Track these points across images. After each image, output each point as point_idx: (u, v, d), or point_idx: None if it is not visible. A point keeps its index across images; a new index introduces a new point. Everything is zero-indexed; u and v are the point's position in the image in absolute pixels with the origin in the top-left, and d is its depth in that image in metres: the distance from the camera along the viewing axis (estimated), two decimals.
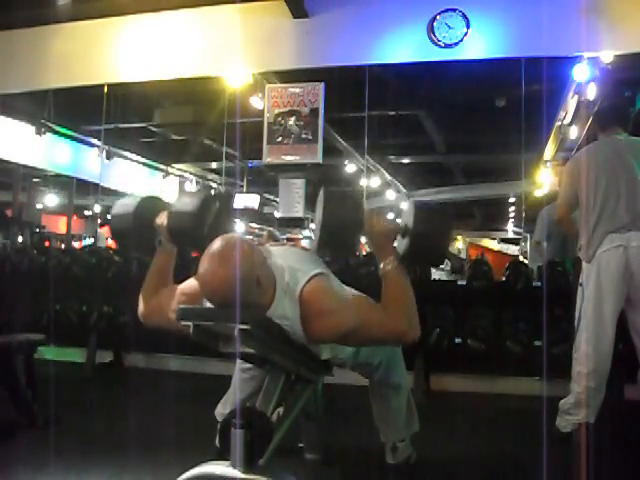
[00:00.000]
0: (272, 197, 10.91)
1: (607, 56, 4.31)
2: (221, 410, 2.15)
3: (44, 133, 6.75)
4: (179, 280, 1.84)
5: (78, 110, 6.75)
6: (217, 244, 1.52)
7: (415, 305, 1.72)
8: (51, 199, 12.05)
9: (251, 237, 15.48)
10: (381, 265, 1.75)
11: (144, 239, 1.95)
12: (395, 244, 1.81)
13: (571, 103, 5.94)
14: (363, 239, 1.92)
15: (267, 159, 4.85)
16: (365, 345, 1.87)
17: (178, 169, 10.09)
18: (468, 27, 4.15)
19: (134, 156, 8.67)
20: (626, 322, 2.60)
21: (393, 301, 1.69)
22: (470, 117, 7.26)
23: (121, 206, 1.99)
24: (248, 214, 11.17)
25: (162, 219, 1.88)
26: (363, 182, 9.30)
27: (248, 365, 1.98)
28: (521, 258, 8.91)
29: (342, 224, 1.74)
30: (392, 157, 9.89)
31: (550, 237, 4.42)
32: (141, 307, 1.89)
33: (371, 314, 1.66)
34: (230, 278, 1.45)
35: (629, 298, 2.55)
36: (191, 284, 1.70)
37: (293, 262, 1.67)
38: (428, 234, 1.73)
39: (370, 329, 1.65)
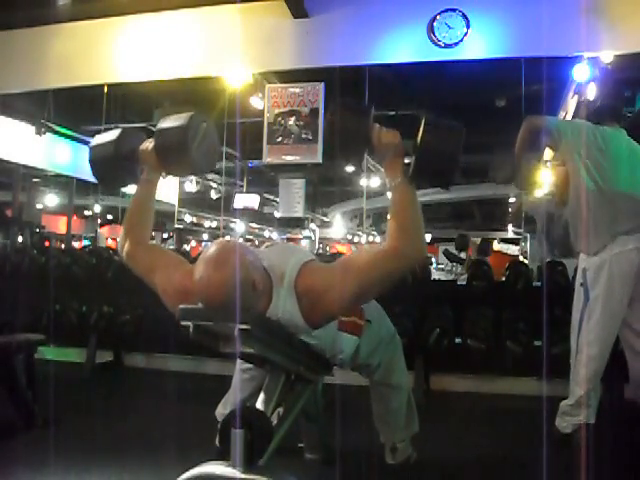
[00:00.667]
0: (272, 197, 10.91)
1: (607, 56, 4.31)
2: (222, 410, 2.15)
3: (44, 133, 6.74)
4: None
5: (78, 110, 6.76)
6: (212, 249, 1.52)
7: (422, 225, 1.64)
8: (51, 199, 12.06)
9: (251, 237, 15.49)
10: (388, 180, 1.69)
11: (126, 168, 1.91)
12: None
13: (571, 103, 5.94)
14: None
15: (267, 159, 4.85)
16: (382, 290, 1.68)
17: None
18: (468, 27, 4.15)
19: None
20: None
21: (397, 218, 1.62)
22: (470, 117, 7.25)
23: (103, 136, 1.96)
24: (248, 214, 11.18)
25: (147, 144, 1.86)
26: (363, 182, 9.31)
27: (248, 365, 1.98)
28: (521, 258, 8.91)
29: (348, 133, 1.68)
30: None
31: (548, 233, 4.41)
32: (126, 246, 1.87)
33: (368, 264, 1.58)
34: (226, 283, 1.45)
35: (631, 297, 2.53)
36: (188, 271, 1.67)
37: (284, 258, 1.66)
38: (436, 152, 1.65)
39: (374, 276, 1.57)
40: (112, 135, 1.92)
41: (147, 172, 1.88)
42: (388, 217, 1.65)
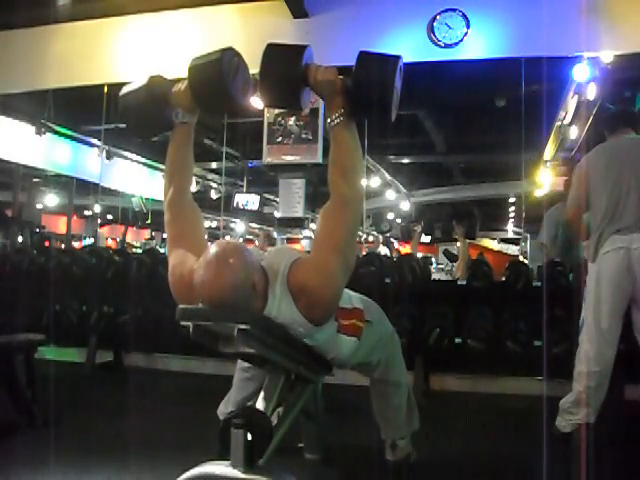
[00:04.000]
0: (272, 197, 10.91)
1: (607, 56, 4.32)
2: (223, 410, 2.15)
3: (44, 133, 6.74)
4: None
5: (78, 110, 6.75)
6: (213, 251, 1.52)
7: (359, 164, 1.69)
8: (51, 199, 12.06)
9: (251, 237, 15.49)
10: (328, 119, 1.68)
11: (159, 114, 1.85)
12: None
13: (571, 103, 5.94)
14: None
15: (267, 159, 4.85)
16: (353, 239, 1.70)
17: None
18: (468, 27, 4.15)
19: (134, 156, 8.66)
20: (630, 323, 2.59)
21: (338, 158, 1.65)
22: (470, 117, 7.26)
23: (132, 84, 1.88)
24: (248, 214, 11.18)
25: (179, 86, 1.82)
26: (363, 182, 9.30)
27: (249, 365, 1.98)
28: (521, 258, 8.91)
29: (283, 76, 1.67)
30: (392, 157, 9.88)
31: (556, 238, 4.40)
32: (169, 194, 1.85)
33: (336, 233, 1.60)
34: (227, 286, 1.45)
35: (634, 299, 2.54)
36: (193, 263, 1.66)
37: (278, 259, 1.66)
38: (369, 82, 1.64)
39: (345, 238, 1.60)
40: (142, 81, 1.86)
41: (182, 115, 1.85)
42: (330, 156, 1.66)
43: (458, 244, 5.74)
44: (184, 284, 1.63)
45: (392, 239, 12.16)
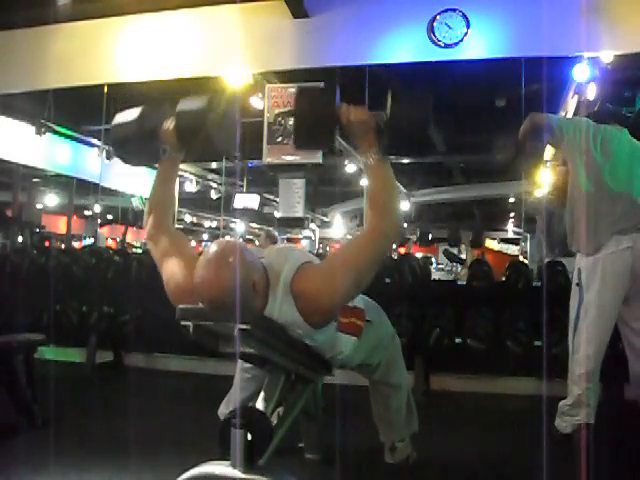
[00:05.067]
0: (272, 197, 10.91)
1: (607, 56, 4.32)
2: (224, 410, 2.16)
3: (44, 133, 6.74)
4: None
5: (78, 110, 6.75)
6: (212, 250, 1.52)
7: (398, 201, 1.70)
8: (51, 199, 12.06)
9: (251, 237, 15.49)
10: (363, 159, 1.69)
11: (148, 148, 1.90)
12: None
13: (571, 103, 5.94)
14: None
15: (267, 159, 4.84)
16: (372, 271, 1.68)
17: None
18: (468, 27, 4.15)
19: None
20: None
21: (376, 196, 1.65)
22: (470, 117, 7.26)
23: (124, 115, 1.93)
24: (248, 214, 11.17)
25: (169, 124, 1.85)
26: (363, 182, 9.30)
27: (249, 365, 1.98)
28: (521, 258, 8.92)
29: (315, 117, 1.68)
30: (392, 157, 9.87)
31: (549, 233, 4.41)
32: (148, 224, 1.87)
33: (354, 255, 1.61)
34: (227, 285, 1.45)
35: (626, 296, 2.53)
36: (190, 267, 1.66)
37: (282, 259, 1.66)
38: (405, 121, 1.65)
39: (365, 264, 1.60)
40: (134, 113, 1.89)
41: (169, 152, 1.89)
42: (366, 194, 1.67)
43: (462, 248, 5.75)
44: (182, 292, 1.64)
45: None
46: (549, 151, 8.04)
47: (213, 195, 11.25)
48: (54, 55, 4.94)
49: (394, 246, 12.49)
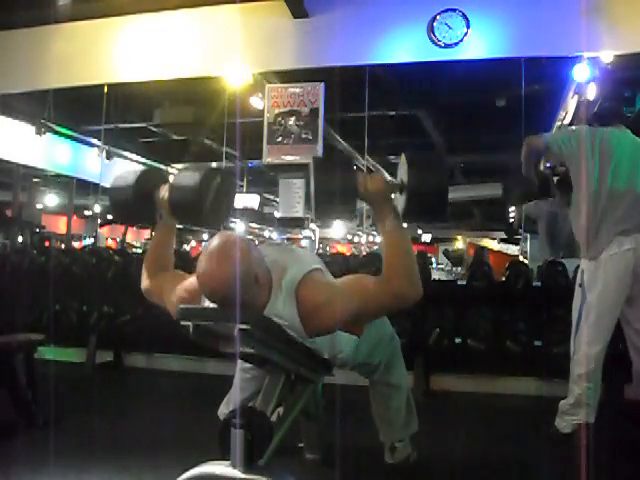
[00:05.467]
0: (272, 197, 10.91)
1: (607, 56, 4.31)
2: (224, 410, 2.15)
3: (44, 133, 6.75)
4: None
5: (78, 110, 6.75)
6: (215, 243, 1.53)
7: (416, 265, 1.68)
8: (51, 199, 12.06)
9: (251, 237, 15.50)
10: (380, 225, 1.71)
11: (144, 212, 1.94)
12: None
13: (571, 103, 5.93)
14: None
15: (267, 159, 4.84)
16: (374, 319, 1.84)
17: (178, 169, 10.09)
18: (468, 27, 4.15)
19: (134, 156, 8.66)
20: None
21: (394, 261, 1.65)
22: (470, 117, 7.26)
23: (121, 178, 1.96)
24: (248, 214, 11.17)
25: (163, 193, 1.87)
26: None
27: (249, 365, 1.98)
28: (521, 258, 8.90)
29: (334, 189, 1.70)
30: (392, 157, 9.89)
31: (552, 234, 4.41)
32: (143, 282, 1.91)
33: (368, 291, 1.63)
34: (229, 276, 1.46)
35: (630, 296, 2.53)
36: (192, 282, 1.70)
37: (289, 260, 1.67)
38: (425, 189, 1.66)
39: (372, 305, 1.63)
40: (130, 178, 1.93)
41: (164, 217, 1.91)
42: (384, 258, 1.68)
43: (460, 245, 5.76)
44: (185, 299, 1.67)
45: None
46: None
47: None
48: (54, 55, 4.94)
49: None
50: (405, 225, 1.76)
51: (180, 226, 2.00)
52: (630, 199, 2.52)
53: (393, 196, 1.74)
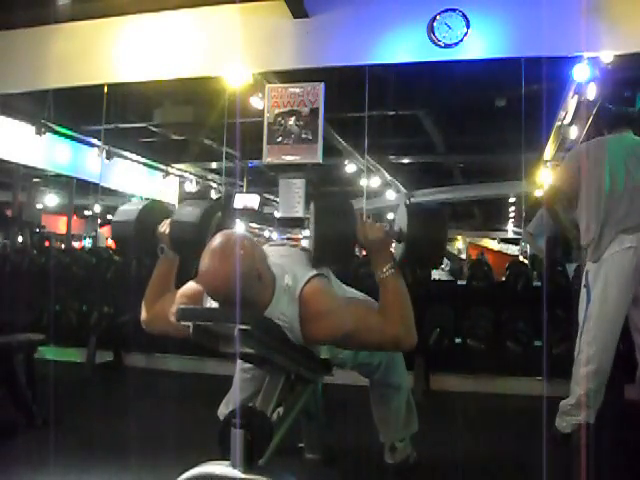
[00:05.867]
0: (272, 197, 10.91)
1: (607, 56, 4.31)
2: (224, 410, 2.15)
3: (44, 133, 6.74)
4: (180, 285, 1.84)
5: (78, 110, 6.75)
6: (218, 240, 1.53)
7: (412, 312, 1.72)
8: (51, 199, 12.05)
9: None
10: (378, 272, 1.74)
11: (146, 246, 1.96)
12: (392, 250, 1.79)
13: (571, 103, 5.94)
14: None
15: (267, 159, 4.83)
16: (361, 349, 1.89)
17: (178, 169, 10.09)
18: (468, 27, 4.14)
19: (134, 156, 8.67)
20: (627, 321, 2.58)
21: (391, 307, 1.69)
22: (470, 117, 7.26)
23: (123, 213, 1.98)
24: (248, 214, 11.16)
25: (164, 227, 1.89)
26: (363, 182, 9.31)
27: (249, 365, 1.98)
28: (521, 258, 8.91)
29: (335, 237, 1.72)
30: (392, 157, 9.89)
31: (546, 235, 4.40)
32: (144, 315, 1.91)
33: (369, 319, 1.66)
34: (232, 274, 1.46)
35: (636, 299, 2.53)
36: (191, 286, 1.70)
37: (293, 262, 1.68)
38: (424, 237, 1.71)
39: (367, 334, 1.66)
40: (132, 213, 1.94)
41: (166, 252, 1.91)
42: (380, 300, 1.71)
43: (460, 244, 5.76)
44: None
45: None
46: (549, 151, 8.06)
47: (213, 195, 11.24)
48: (54, 55, 4.93)
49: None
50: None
51: None
52: (630, 198, 2.53)
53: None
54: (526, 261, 6.91)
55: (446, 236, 1.76)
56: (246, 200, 8.59)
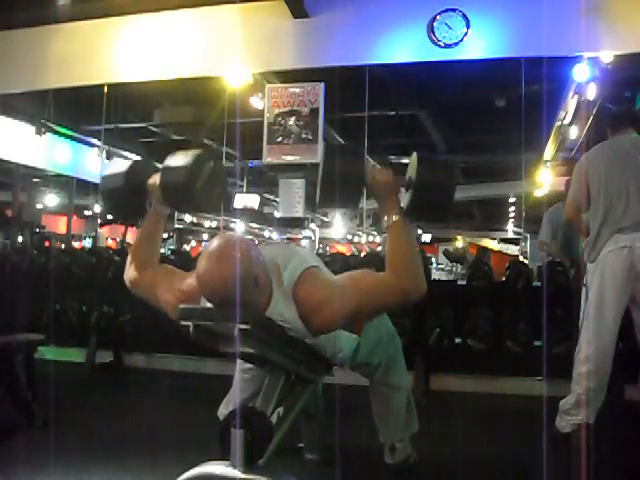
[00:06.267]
0: (272, 197, 10.92)
1: (607, 56, 4.31)
2: (224, 410, 2.15)
3: (44, 133, 6.74)
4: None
5: (78, 110, 6.76)
6: (215, 244, 1.52)
7: (420, 261, 1.67)
8: (51, 199, 12.05)
9: (251, 237, 15.50)
10: (384, 219, 1.70)
11: (135, 201, 1.92)
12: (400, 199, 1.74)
13: (571, 103, 5.94)
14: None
15: (267, 159, 4.84)
16: (376, 315, 1.83)
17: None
18: (468, 27, 4.15)
19: (134, 156, 8.66)
20: (630, 322, 2.59)
21: (396, 256, 1.65)
22: (470, 117, 7.26)
23: (113, 167, 1.96)
24: (248, 214, 11.17)
25: (155, 179, 1.86)
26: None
27: (249, 365, 1.98)
28: (521, 258, 8.92)
29: (342, 177, 1.68)
30: (392, 157, 9.89)
31: (555, 237, 4.40)
32: (131, 274, 1.90)
33: (370, 288, 1.63)
34: (229, 278, 1.45)
35: (634, 299, 2.54)
36: (190, 283, 1.69)
37: (286, 259, 1.67)
38: (432, 186, 1.67)
39: (374, 302, 1.63)
40: (122, 167, 1.93)
41: (155, 206, 1.90)
42: (387, 253, 1.68)
43: (459, 244, 5.76)
44: (183, 298, 1.66)
45: None
46: (549, 151, 8.06)
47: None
48: (54, 55, 4.94)
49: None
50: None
51: (180, 226, 1.98)
52: (627, 199, 2.55)
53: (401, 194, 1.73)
54: (526, 261, 6.91)
55: (454, 186, 1.71)
56: (246, 200, 8.59)
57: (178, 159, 1.84)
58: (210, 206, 1.96)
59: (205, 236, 17.99)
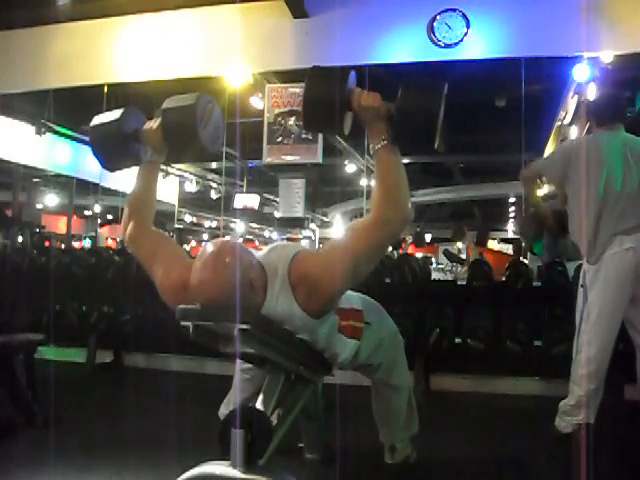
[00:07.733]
0: (272, 197, 10.92)
1: (607, 56, 4.32)
2: (224, 411, 2.15)
3: (44, 133, 6.75)
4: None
5: (78, 110, 6.75)
6: (209, 250, 1.51)
7: (405, 189, 1.65)
8: (51, 199, 12.05)
9: (251, 237, 15.46)
10: (371, 144, 1.68)
11: (128, 150, 1.87)
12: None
13: (571, 103, 5.94)
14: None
15: (267, 159, 4.85)
16: (376, 258, 1.72)
17: (178, 169, 10.09)
18: (468, 27, 4.15)
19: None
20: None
21: (382, 183, 1.64)
22: (470, 117, 7.26)
23: (104, 116, 1.91)
24: (248, 214, 11.17)
25: (152, 123, 1.83)
26: (363, 182, 9.32)
27: (248, 365, 1.98)
28: (521, 258, 8.90)
29: (326, 100, 1.64)
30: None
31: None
32: (128, 229, 1.85)
33: (356, 236, 1.60)
34: (225, 287, 1.45)
35: (634, 297, 2.53)
36: (180, 273, 1.64)
37: (278, 254, 1.65)
38: (415, 110, 1.63)
39: (365, 246, 1.57)
40: (115, 114, 1.87)
41: (150, 153, 1.86)
42: (375, 176, 1.66)
43: (460, 245, 5.75)
44: (176, 289, 1.63)
45: None
46: (549, 151, 8.05)
47: (213, 195, 11.25)
48: (54, 55, 4.94)
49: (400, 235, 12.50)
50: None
51: (180, 226, 1.96)
52: (628, 199, 2.52)
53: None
54: (526, 261, 6.91)
55: (438, 109, 1.67)
56: (246, 200, 8.60)
57: (179, 100, 1.79)
58: (211, 149, 1.88)
59: (205, 236, 17.99)
